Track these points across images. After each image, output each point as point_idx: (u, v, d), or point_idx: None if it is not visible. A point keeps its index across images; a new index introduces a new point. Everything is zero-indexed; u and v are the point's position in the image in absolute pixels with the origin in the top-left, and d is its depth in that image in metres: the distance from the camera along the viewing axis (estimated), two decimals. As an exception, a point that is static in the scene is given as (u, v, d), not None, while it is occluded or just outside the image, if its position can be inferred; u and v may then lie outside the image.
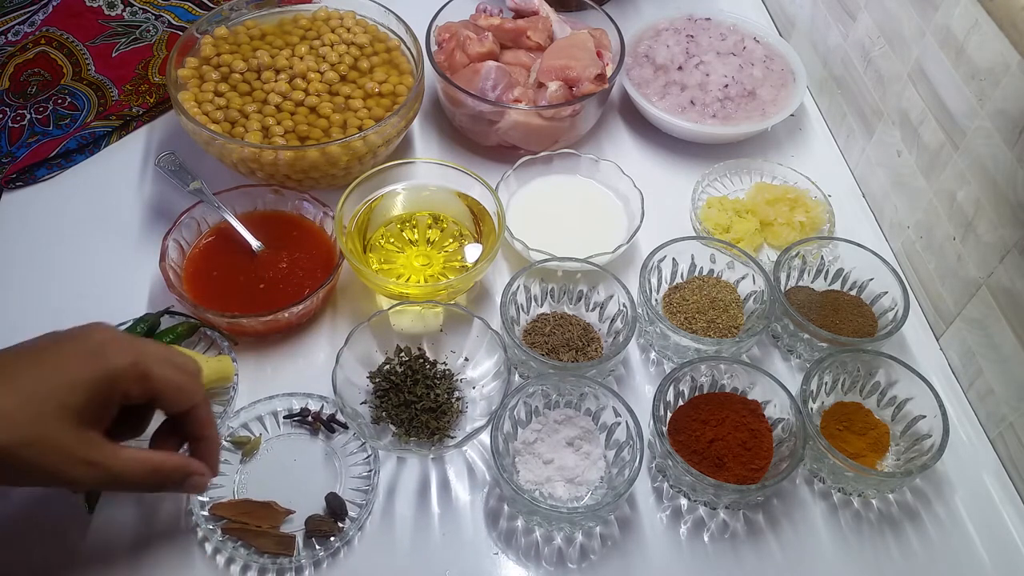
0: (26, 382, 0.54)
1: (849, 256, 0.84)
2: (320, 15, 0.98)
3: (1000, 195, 0.73)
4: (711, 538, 0.71)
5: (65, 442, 0.54)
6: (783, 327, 0.82)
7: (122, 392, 0.56)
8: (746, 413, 0.73)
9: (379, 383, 0.74)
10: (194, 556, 0.67)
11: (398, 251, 0.84)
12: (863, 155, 0.97)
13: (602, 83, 0.93)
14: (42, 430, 0.53)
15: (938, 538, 0.72)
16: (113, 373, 0.55)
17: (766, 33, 1.05)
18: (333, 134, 0.88)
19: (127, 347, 0.56)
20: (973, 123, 0.76)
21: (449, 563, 0.68)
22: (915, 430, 0.74)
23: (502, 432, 0.70)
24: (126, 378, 0.56)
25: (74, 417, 0.54)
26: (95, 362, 0.55)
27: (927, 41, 0.82)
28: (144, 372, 0.56)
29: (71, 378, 0.54)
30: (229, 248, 0.83)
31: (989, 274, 0.76)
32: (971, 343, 0.79)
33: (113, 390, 0.56)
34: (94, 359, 0.55)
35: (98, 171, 0.94)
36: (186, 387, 0.59)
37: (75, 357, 0.55)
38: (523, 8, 1.03)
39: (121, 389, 0.56)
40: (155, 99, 0.98)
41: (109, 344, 0.56)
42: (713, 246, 0.84)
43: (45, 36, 1.04)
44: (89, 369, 0.55)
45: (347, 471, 0.72)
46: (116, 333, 0.58)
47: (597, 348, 0.79)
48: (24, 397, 0.53)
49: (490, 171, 0.90)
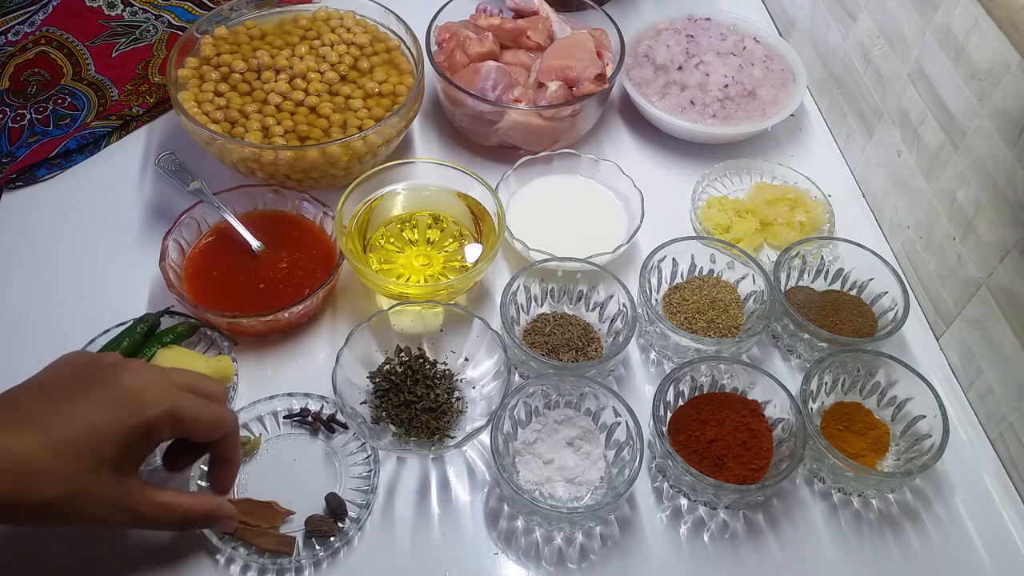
0: (57, 433, 0.54)
1: (849, 256, 0.84)
2: (320, 15, 0.98)
3: (1000, 195, 0.73)
4: (711, 538, 0.71)
5: (102, 493, 0.55)
6: (783, 327, 0.82)
7: (157, 438, 0.57)
8: (746, 413, 0.73)
9: (379, 383, 0.74)
10: (194, 556, 0.67)
11: (398, 251, 0.84)
12: (863, 155, 0.97)
13: (602, 83, 0.93)
14: (79, 484, 0.54)
15: (938, 538, 0.72)
16: (149, 424, 0.55)
17: (766, 33, 1.05)
18: (333, 134, 0.88)
19: (160, 394, 0.56)
20: (973, 123, 0.76)
21: (449, 563, 0.68)
22: (915, 430, 0.74)
23: (502, 432, 0.70)
24: (161, 426, 0.56)
25: (110, 467, 0.55)
26: (129, 413, 0.55)
27: (927, 41, 0.82)
28: (178, 417, 0.57)
29: (105, 430, 0.54)
30: (229, 248, 0.83)
31: (989, 274, 0.76)
32: (971, 343, 0.79)
33: (149, 438, 0.56)
34: (128, 410, 0.55)
35: (98, 171, 0.94)
36: (218, 421, 0.60)
37: (107, 407, 0.55)
38: (523, 8, 1.03)
39: (156, 436, 0.57)
40: (155, 99, 0.98)
41: (141, 392, 0.56)
42: (713, 246, 0.84)
43: (45, 36, 1.04)
44: (123, 420, 0.55)
45: (347, 471, 0.72)
46: (145, 376, 0.57)
47: (597, 348, 0.79)
48: (57, 449, 0.53)
49: (490, 171, 0.90)
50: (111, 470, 0.55)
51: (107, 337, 0.75)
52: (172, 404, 0.56)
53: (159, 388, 0.57)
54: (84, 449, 0.54)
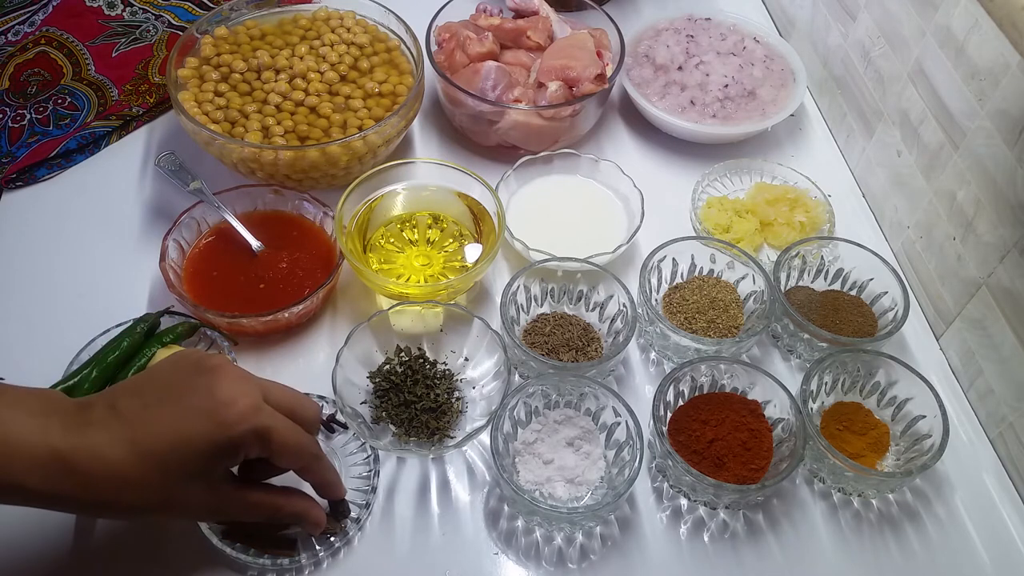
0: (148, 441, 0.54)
1: (849, 256, 0.84)
2: (320, 15, 0.98)
3: (1000, 195, 0.73)
4: (711, 538, 0.71)
5: (192, 502, 0.56)
6: (783, 327, 0.82)
7: (244, 454, 0.56)
8: (746, 413, 0.73)
9: (379, 383, 0.74)
10: (194, 556, 0.67)
11: (398, 251, 0.84)
12: (863, 155, 0.97)
13: (602, 83, 0.93)
14: (168, 495, 0.55)
15: (938, 538, 0.72)
16: (235, 442, 0.55)
17: (766, 33, 1.05)
18: (333, 134, 0.88)
19: (251, 412, 0.55)
20: (973, 123, 0.76)
21: (449, 563, 0.68)
22: (915, 430, 0.74)
23: (502, 432, 0.70)
24: (247, 445, 0.56)
25: (198, 475, 0.55)
26: (217, 429, 0.54)
27: (927, 41, 0.82)
28: (265, 437, 0.56)
29: (192, 441, 0.54)
30: (229, 248, 0.83)
31: (989, 274, 0.76)
32: (971, 343, 0.79)
33: (235, 455, 0.56)
34: (216, 426, 0.54)
35: (98, 171, 0.94)
36: (301, 450, 0.59)
37: (196, 419, 0.54)
38: (523, 8, 1.03)
39: (243, 453, 0.56)
40: (155, 99, 0.98)
41: (231, 407, 0.55)
42: (713, 246, 0.84)
43: (45, 36, 1.04)
44: (210, 434, 0.54)
45: (347, 471, 0.72)
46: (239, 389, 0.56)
47: (597, 348, 0.79)
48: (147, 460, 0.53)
49: (490, 171, 0.90)
50: (201, 482, 0.56)
51: (107, 337, 0.75)
52: (261, 424, 0.55)
53: (251, 405, 0.55)
54: (172, 463, 0.54)
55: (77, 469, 0.52)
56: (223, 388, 0.55)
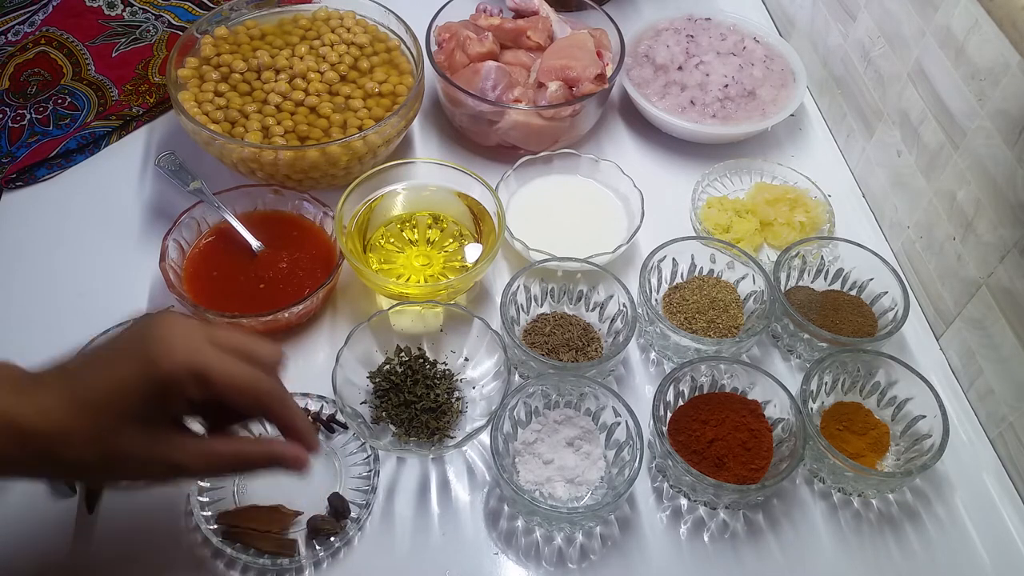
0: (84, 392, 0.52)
1: (849, 256, 0.84)
2: (320, 15, 0.98)
3: (1000, 195, 0.73)
4: (711, 538, 0.71)
5: (133, 451, 0.52)
6: (783, 327, 0.82)
7: (181, 396, 0.52)
8: (746, 413, 0.73)
9: (379, 383, 0.74)
10: (194, 557, 0.67)
11: (398, 251, 0.84)
12: (863, 155, 0.97)
13: (602, 83, 0.93)
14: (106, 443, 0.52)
15: (938, 538, 0.72)
16: (164, 378, 0.51)
17: (766, 33, 1.05)
18: (333, 134, 0.88)
19: (183, 345, 0.51)
20: (973, 123, 0.76)
21: (449, 563, 0.68)
22: (915, 430, 0.74)
23: (502, 432, 0.70)
24: (180, 381, 0.51)
25: (136, 423, 0.52)
26: (145, 367, 0.51)
27: (927, 41, 0.82)
28: (201, 374, 0.51)
29: (121, 386, 0.51)
30: (229, 248, 0.83)
31: (989, 274, 0.76)
32: (971, 343, 0.79)
33: (169, 394, 0.52)
34: (144, 364, 0.51)
35: (98, 171, 0.94)
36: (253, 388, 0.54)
37: (126, 361, 0.52)
38: (523, 8, 1.03)
39: (177, 392, 0.52)
40: (155, 99, 0.98)
41: (162, 343, 0.51)
42: (713, 246, 0.84)
43: (45, 36, 1.04)
44: (138, 375, 0.51)
45: (347, 471, 0.72)
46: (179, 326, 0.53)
47: (597, 348, 0.79)
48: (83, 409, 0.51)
49: (490, 171, 0.90)
50: (138, 427, 0.52)
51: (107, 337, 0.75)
52: (196, 361, 0.51)
53: (186, 343, 0.52)
54: (106, 407, 0.51)
55: (22, 429, 0.50)
56: (157, 329, 0.52)
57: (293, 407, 0.57)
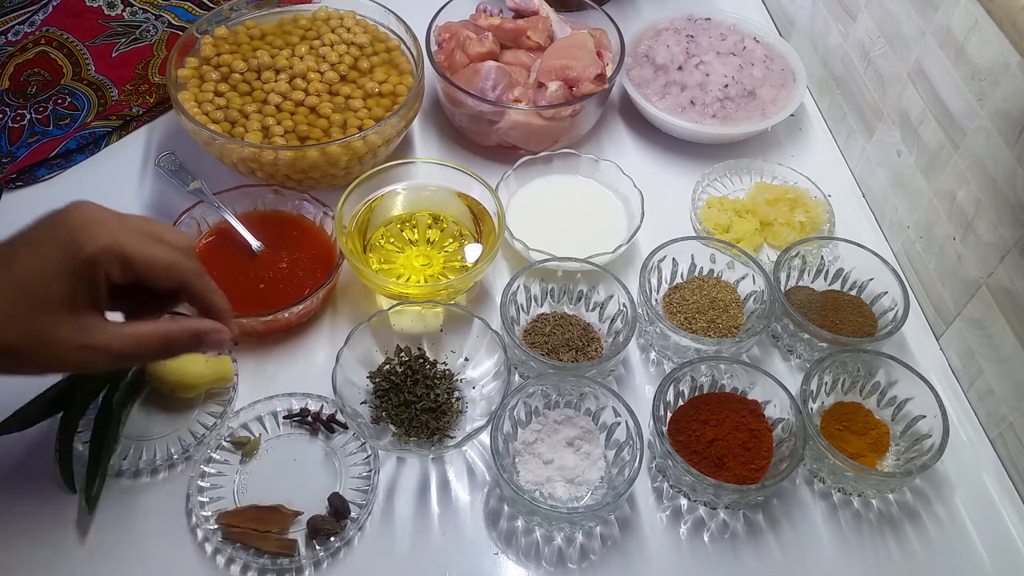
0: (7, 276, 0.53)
1: (849, 256, 0.84)
2: (320, 15, 0.98)
3: (1000, 195, 0.73)
4: (711, 538, 0.71)
5: (60, 334, 0.53)
6: (783, 327, 0.82)
7: (104, 275, 0.54)
8: (746, 413, 0.73)
9: (379, 383, 0.74)
10: (195, 557, 0.67)
11: (398, 251, 0.84)
12: (863, 155, 0.97)
13: (602, 83, 0.93)
14: (33, 326, 0.53)
15: (938, 538, 0.72)
16: (87, 259, 0.53)
17: (766, 33, 1.05)
18: (333, 134, 0.88)
19: (101, 229, 0.54)
20: (973, 123, 0.76)
21: (449, 563, 0.68)
22: (915, 430, 0.74)
23: (502, 432, 0.70)
24: (103, 262, 0.53)
25: (61, 307, 0.53)
26: (68, 250, 0.53)
27: (927, 41, 0.82)
28: (122, 254, 0.54)
29: (45, 269, 0.53)
30: (229, 248, 0.83)
31: (989, 274, 0.76)
32: (971, 343, 0.79)
33: (93, 275, 0.53)
34: (66, 247, 0.53)
35: (98, 171, 0.94)
36: (172, 264, 0.56)
37: (48, 246, 0.53)
38: (523, 8, 1.03)
39: (101, 273, 0.54)
40: (155, 99, 0.98)
41: (82, 228, 0.53)
42: (713, 246, 0.84)
43: (45, 36, 1.04)
44: (61, 258, 0.53)
45: (347, 471, 0.72)
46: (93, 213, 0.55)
47: (597, 348, 0.79)
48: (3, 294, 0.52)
49: (490, 171, 0.90)
50: (65, 310, 0.53)
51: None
52: (115, 240, 0.54)
53: (103, 225, 0.54)
54: (31, 290, 0.52)
55: None
56: (76, 215, 0.54)
57: (212, 286, 0.59)
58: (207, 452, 0.71)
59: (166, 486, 0.70)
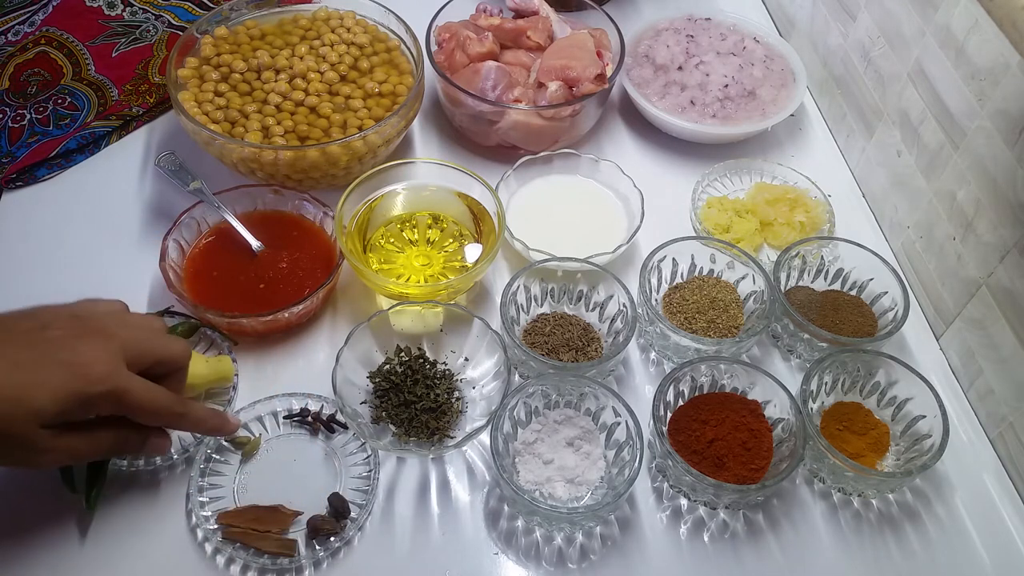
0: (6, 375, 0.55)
1: (849, 256, 0.84)
2: (320, 15, 0.98)
3: (1000, 195, 0.73)
4: (711, 538, 0.71)
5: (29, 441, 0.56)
6: (783, 327, 0.82)
7: (95, 410, 0.58)
8: (746, 413, 0.73)
9: (379, 383, 0.74)
10: (195, 557, 0.67)
11: (398, 251, 0.84)
12: (863, 155, 0.97)
13: (602, 83, 0.93)
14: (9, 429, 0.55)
15: (938, 538, 0.72)
16: (91, 398, 0.57)
17: (766, 33, 1.05)
18: (333, 134, 0.88)
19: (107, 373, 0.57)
20: (973, 123, 0.76)
21: (449, 563, 0.68)
22: (915, 430, 0.74)
23: (502, 432, 0.70)
24: (102, 403, 0.58)
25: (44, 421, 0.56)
26: (75, 382, 0.56)
27: (927, 41, 0.82)
28: (121, 399, 0.58)
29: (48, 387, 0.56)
30: (229, 248, 0.83)
31: (989, 274, 0.76)
32: (971, 343, 0.79)
33: (86, 409, 0.58)
34: (75, 379, 0.56)
35: (98, 171, 0.94)
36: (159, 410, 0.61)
37: (58, 367, 0.56)
38: (523, 8, 1.03)
39: (94, 409, 0.58)
40: (155, 99, 0.98)
41: (90, 367, 0.57)
42: (713, 246, 0.84)
43: (45, 36, 1.04)
44: (67, 386, 0.56)
45: (347, 471, 0.72)
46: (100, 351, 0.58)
47: (597, 348, 0.79)
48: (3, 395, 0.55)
49: (490, 171, 0.90)
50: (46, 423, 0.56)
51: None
52: (117, 386, 0.57)
53: (108, 367, 0.58)
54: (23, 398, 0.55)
55: None
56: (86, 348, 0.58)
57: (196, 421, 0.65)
58: (207, 452, 0.71)
59: (166, 486, 0.70)
